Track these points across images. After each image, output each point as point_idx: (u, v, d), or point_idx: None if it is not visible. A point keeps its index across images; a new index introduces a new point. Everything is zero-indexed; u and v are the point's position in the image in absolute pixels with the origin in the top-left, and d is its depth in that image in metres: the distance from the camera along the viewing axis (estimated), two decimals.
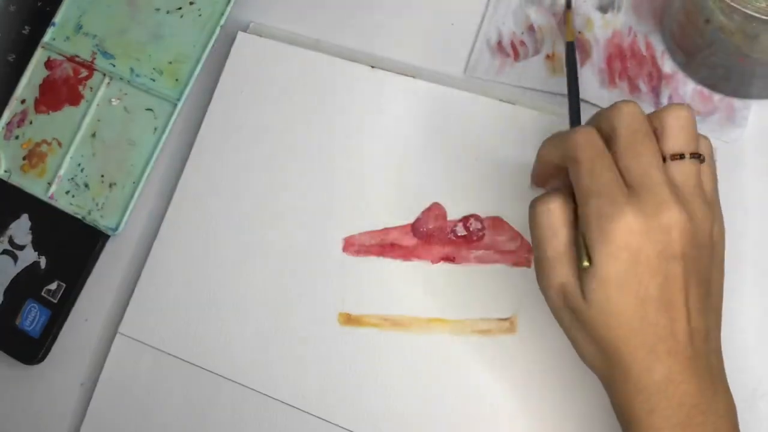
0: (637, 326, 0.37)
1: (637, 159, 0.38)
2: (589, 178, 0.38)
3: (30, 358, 0.57)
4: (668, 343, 0.38)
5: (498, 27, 0.53)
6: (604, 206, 0.37)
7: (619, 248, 0.37)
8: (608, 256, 0.37)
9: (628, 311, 0.37)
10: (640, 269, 0.37)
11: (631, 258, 0.37)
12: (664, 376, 0.37)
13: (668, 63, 0.50)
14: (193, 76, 0.57)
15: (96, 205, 0.58)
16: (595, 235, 0.37)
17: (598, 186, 0.38)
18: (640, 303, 0.37)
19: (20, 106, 0.61)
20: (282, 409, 0.51)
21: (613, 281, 0.37)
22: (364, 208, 0.52)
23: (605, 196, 0.37)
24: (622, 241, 0.37)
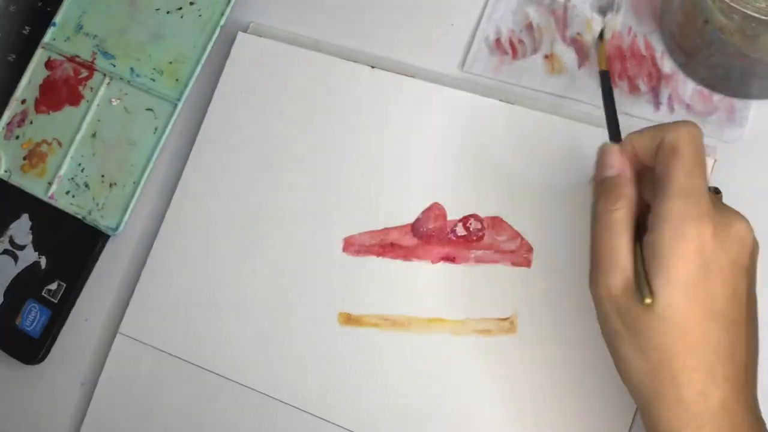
0: (701, 341, 0.35)
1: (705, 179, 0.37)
2: (686, 175, 0.36)
3: (30, 358, 0.57)
4: (727, 366, 0.35)
5: (497, 25, 0.53)
6: (690, 207, 0.36)
7: (695, 252, 0.35)
8: (681, 259, 0.35)
9: (692, 322, 0.35)
10: (712, 277, 0.35)
11: (705, 264, 0.35)
12: (720, 403, 0.35)
13: (668, 63, 0.50)
14: (194, 76, 0.57)
15: (96, 205, 0.58)
16: (671, 234, 0.35)
17: (691, 186, 0.36)
18: (708, 315, 0.35)
19: (20, 106, 0.61)
20: (282, 409, 0.51)
21: (682, 285, 0.35)
22: (364, 208, 0.52)
23: (694, 199, 0.36)
24: (698, 247, 0.35)
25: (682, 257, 0.35)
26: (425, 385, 0.49)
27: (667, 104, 0.49)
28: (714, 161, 0.47)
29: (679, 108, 0.49)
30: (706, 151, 0.47)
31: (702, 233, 0.35)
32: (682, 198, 0.36)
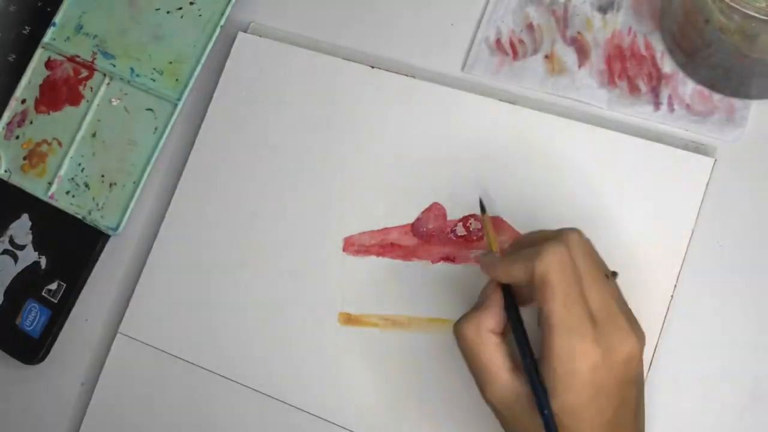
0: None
1: (596, 287, 0.39)
2: (562, 308, 0.38)
3: (30, 358, 0.57)
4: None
5: (497, 25, 0.53)
6: (575, 343, 0.37)
7: (583, 384, 0.37)
8: (571, 390, 0.37)
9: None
10: (600, 399, 0.38)
11: (594, 392, 0.37)
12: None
13: (668, 63, 0.49)
14: (194, 76, 0.57)
15: (96, 205, 0.58)
16: (561, 368, 0.37)
17: (570, 318, 0.38)
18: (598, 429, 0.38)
19: (20, 106, 0.61)
20: (282, 409, 0.51)
21: (569, 413, 0.37)
22: (364, 208, 0.52)
23: (576, 332, 0.37)
24: (587, 377, 0.37)
25: (572, 388, 0.37)
26: (425, 385, 0.49)
27: (667, 104, 0.49)
28: (714, 161, 0.47)
29: (679, 108, 0.49)
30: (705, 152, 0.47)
31: (588, 366, 0.37)
32: (566, 335, 0.37)
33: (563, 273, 0.38)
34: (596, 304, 0.39)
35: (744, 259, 0.46)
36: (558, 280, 0.38)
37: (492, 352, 0.40)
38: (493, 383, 0.40)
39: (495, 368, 0.40)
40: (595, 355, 0.37)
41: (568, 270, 0.38)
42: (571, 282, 0.38)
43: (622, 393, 0.38)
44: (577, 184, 0.49)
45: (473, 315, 0.41)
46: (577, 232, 0.40)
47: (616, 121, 0.50)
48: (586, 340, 0.37)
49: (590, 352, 0.37)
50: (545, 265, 0.38)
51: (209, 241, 0.55)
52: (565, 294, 0.38)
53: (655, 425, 0.45)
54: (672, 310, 0.46)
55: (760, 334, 0.45)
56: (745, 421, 0.45)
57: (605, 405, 0.38)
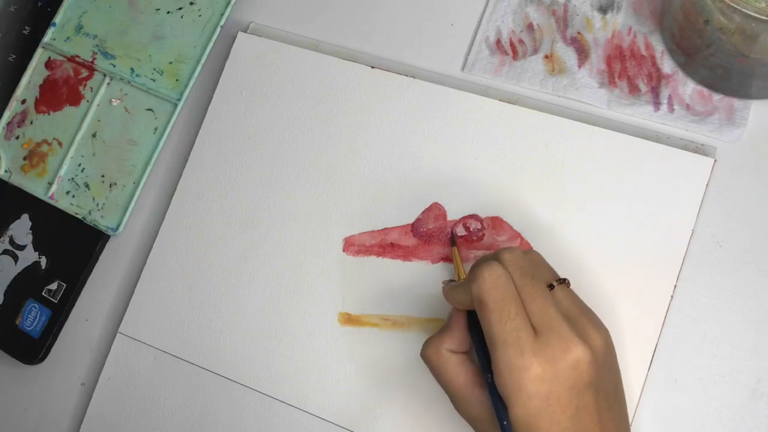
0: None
1: (535, 300, 0.40)
2: (498, 325, 0.39)
3: (30, 358, 0.57)
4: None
5: (497, 25, 0.53)
6: (513, 358, 0.38)
7: (529, 396, 0.38)
8: (519, 403, 0.38)
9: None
10: (551, 409, 0.38)
11: (542, 402, 0.38)
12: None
13: (668, 63, 0.50)
14: (194, 76, 0.57)
15: (96, 205, 0.58)
16: (507, 383, 0.38)
17: (506, 334, 0.39)
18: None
19: (21, 106, 0.61)
20: (281, 409, 0.51)
21: (524, 425, 0.38)
22: (364, 208, 0.52)
23: (513, 346, 0.38)
24: (532, 390, 0.38)
25: (519, 402, 0.38)
26: (425, 385, 0.49)
27: (667, 104, 0.49)
28: (714, 161, 0.47)
29: (679, 108, 0.49)
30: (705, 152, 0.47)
31: (532, 378, 0.38)
32: (502, 349, 0.39)
33: (497, 291, 0.39)
34: (537, 316, 0.39)
35: (744, 259, 0.46)
36: (492, 299, 0.39)
37: (454, 370, 0.42)
38: (459, 399, 0.42)
39: (459, 385, 0.42)
40: (536, 366, 0.38)
41: (501, 288, 0.40)
42: (505, 299, 0.39)
43: (577, 400, 0.38)
44: (577, 184, 0.49)
45: (434, 337, 0.43)
46: (513, 251, 0.42)
47: (616, 121, 0.50)
48: (525, 354, 0.38)
49: (529, 364, 0.38)
50: (479, 287, 0.40)
51: (209, 241, 0.55)
52: (500, 311, 0.39)
53: (656, 425, 0.46)
54: (672, 310, 0.46)
55: (760, 334, 0.45)
56: (745, 421, 0.45)
57: (558, 414, 0.38)
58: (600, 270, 0.47)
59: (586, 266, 0.48)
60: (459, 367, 0.42)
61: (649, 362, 0.46)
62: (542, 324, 0.39)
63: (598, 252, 0.48)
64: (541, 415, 0.38)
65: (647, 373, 0.46)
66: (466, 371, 0.42)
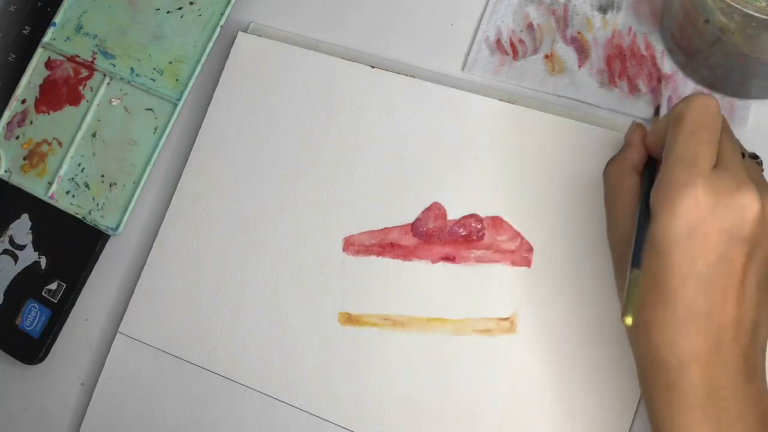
0: (673, 298, 0.36)
1: (729, 145, 0.38)
2: (683, 140, 0.37)
3: (30, 358, 0.57)
4: (700, 323, 0.36)
5: (497, 25, 0.53)
6: (680, 173, 0.36)
7: (677, 218, 0.35)
8: (662, 220, 0.36)
9: (664, 282, 0.36)
10: (694, 242, 0.35)
11: (687, 229, 0.35)
12: (688, 353, 0.36)
13: (668, 63, 0.50)
14: (193, 76, 0.57)
15: (96, 205, 0.58)
16: (660, 194, 0.36)
17: (685, 151, 0.37)
18: (682, 276, 0.36)
19: (21, 106, 0.61)
20: (281, 409, 0.51)
21: (659, 249, 0.36)
22: (364, 207, 0.52)
23: (687, 164, 0.36)
24: (683, 212, 0.35)
25: (666, 222, 0.36)
26: (425, 385, 0.49)
27: (668, 104, 0.49)
28: None
29: None
30: None
31: (689, 200, 0.35)
32: (674, 163, 0.37)
33: (701, 113, 0.37)
34: (724, 154, 0.37)
35: None
36: (693, 118, 0.37)
37: (627, 193, 0.40)
38: (618, 223, 0.41)
39: (625, 209, 0.40)
40: (699, 191, 0.35)
41: (707, 113, 0.37)
42: (704, 123, 0.37)
43: (725, 248, 0.35)
44: (577, 184, 0.49)
45: (618, 155, 0.43)
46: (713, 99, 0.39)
47: (616, 122, 0.50)
48: (694, 175, 0.36)
49: (694, 186, 0.35)
50: (686, 103, 0.38)
51: (209, 241, 0.55)
52: (693, 130, 0.37)
53: None
54: None
55: None
56: None
57: (698, 252, 0.35)
58: (601, 269, 0.47)
59: (587, 266, 0.48)
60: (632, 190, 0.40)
61: None
62: (724, 162, 0.37)
63: (598, 251, 0.48)
64: (679, 243, 0.35)
65: None
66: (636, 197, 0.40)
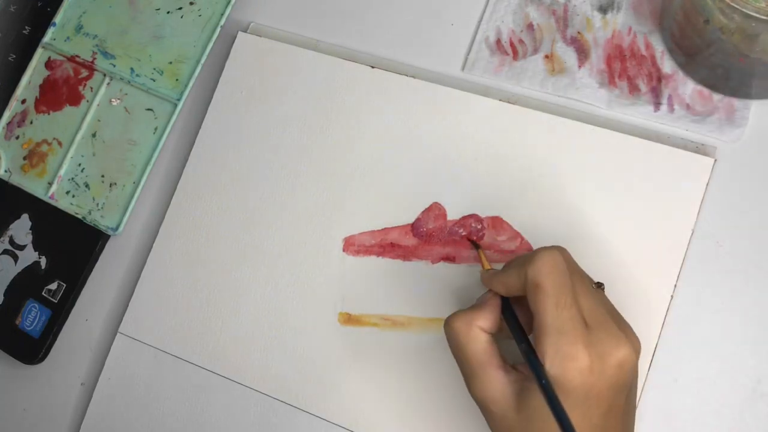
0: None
1: (586, 295, 0.40)
2: (554, 311, 0.38)
3: (30, 358, 0.57)
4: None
5: (497, 25, 0.53)
6: (564, 345, 0.38)
7: (574, 387, 0.38)
8: (560, 391, 0.38)
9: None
10: (589, 402, 0.38)
11: (583, 395, 0.38)
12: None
13: (668, 63, 0.49)
14: (193, 76, 0.57)
15: (96, 205, 0.58)
16: (551, 371, 0.38)
17: (561, 322, 0.38)
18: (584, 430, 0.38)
19: (21, 106, 0.61)
20: (281, 408, 0.51)
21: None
22: (364, 208, 0.52)
23: (567, 335, 0.38)
24: (578, 381, 0.38)
25: (561, 391, 0.38)
26: (425, 385, 0.49)
27: (668, 104, 0.49)
28: (714, 161, 0.47)
29: (679, 108, 0.49)
30: (705, 152, 0.47)
31: (579, 368, 0.38)
32: (555, 337, 0.38)
33: (555, 276, 0.39)
34: (588, 310, 0.39)
35: (744, 259, 0.46)
36: (550, 284, 0.39)
37: (480, 348, 0.41)
38: (479, 378, 0.41)
39: (482, 363, 0.41)
40: (586, 358, 0.38)
41: (559, 274, 0.39)
42: (562, 285, 0.39)
43: (612, 399, 0.38)
44: (577, 184, 0.49)
45: (465, 313, 0.42)
46: (564, 249, 0.41)
47: (616, 121, 0.50)
48: (577, 344, 0.38)
49: (580, 355, 0.38)
50: (537, 269, 0.39)
51: (209, 241, 0.55)
52: (557, 297, 0.38)
53: (656, 425, 0.46)
54: (672, 310, 0.46)
55: (760, 334, 0.45)
56: (745, 421, 0.45)
57: (593, 410, 0.38)
58: (600, 269, 0.47)
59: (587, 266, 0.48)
60: (487, 345, 0.41)
61: (649, 362, 0.46)
62: (593, 319, 0.39)
63: (598, 251, 0.48)
64: (577, 406, 0.38)
65: (647, 373, 0.46)
66: (492, 351, 0.41)
